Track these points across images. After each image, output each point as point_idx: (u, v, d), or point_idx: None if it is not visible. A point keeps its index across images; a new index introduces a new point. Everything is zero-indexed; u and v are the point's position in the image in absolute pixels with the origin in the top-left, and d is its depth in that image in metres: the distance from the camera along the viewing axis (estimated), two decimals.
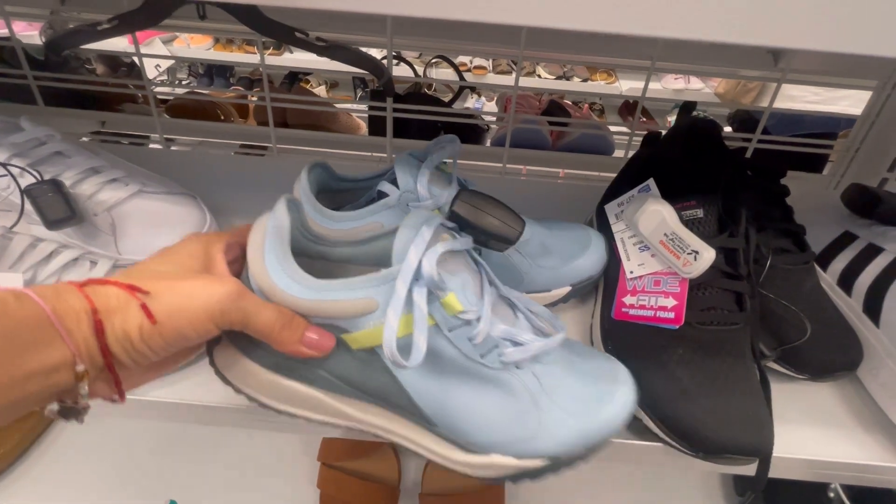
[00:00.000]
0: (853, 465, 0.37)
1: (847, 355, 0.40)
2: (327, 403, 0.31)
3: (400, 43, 0.65)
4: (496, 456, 0.30)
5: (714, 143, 0.43)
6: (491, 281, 0.32)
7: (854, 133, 0.66)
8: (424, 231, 0.28)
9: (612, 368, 0.34)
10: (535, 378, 0.31)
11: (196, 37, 1.95)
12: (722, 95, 1.77)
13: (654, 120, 1.85)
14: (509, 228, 0.31)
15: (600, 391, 0.32)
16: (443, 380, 0.29)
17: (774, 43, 0.22)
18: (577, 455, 0.31)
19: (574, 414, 0.31)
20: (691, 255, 0.35)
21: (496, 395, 0.30)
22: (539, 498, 0.66)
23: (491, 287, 0.31)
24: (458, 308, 0.28)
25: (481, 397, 0.30)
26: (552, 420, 0.30)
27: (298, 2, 0.22)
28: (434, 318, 0.28)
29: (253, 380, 0.31)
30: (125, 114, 0.81)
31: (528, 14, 0.22)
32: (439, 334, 0.29)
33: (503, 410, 0.30)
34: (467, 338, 0.29)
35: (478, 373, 0.30)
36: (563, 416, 0.30)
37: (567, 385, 0.31)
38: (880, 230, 0.45)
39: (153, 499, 0.63)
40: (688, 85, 1.95)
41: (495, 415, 0.30)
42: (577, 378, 0.32)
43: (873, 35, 0.21)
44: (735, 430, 0.33)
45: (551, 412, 0.30)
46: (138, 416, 0.38)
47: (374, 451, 0.67)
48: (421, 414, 0.30)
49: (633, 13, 0.21)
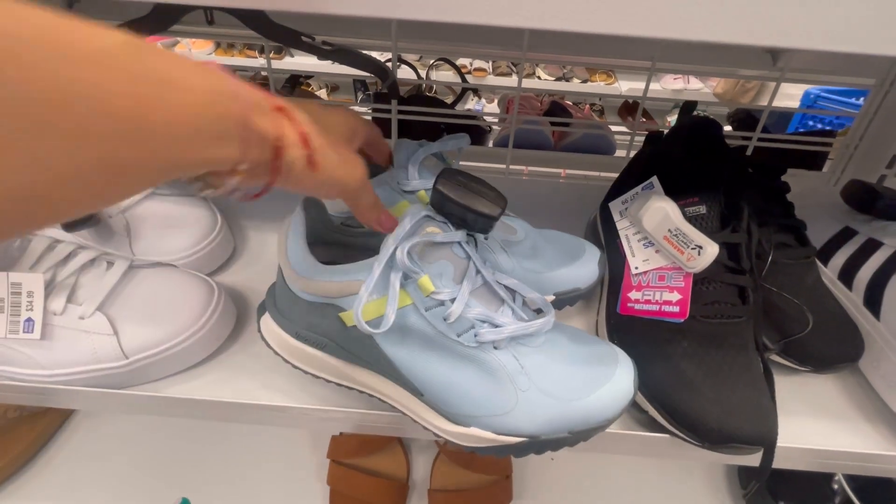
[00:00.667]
0: (856, 454, 0.37)
1: (848, 347, 0.41)
2: (336, 366, 0.36)
3: (404, 46, 0.66)
4: (475, 429, 0.32)
5: (715, 142, 0.44)
6: (478, 270, 0.34)
7: (853, 130, 0.67)
8: (406, 222, 0.31)
9: (610, 355, 0.35)
10: (515, 359, 0.32)
11: (197, 42, 1.96)
12: (720, 95, 1.78)
13: (654, 120, 1.86)
14: (490, 206, 0.32)
15: (591, 377, 0.33)
16: (424, 354, 0.33)
17: (773, 43, 0.23)
18: (561, 437, 0.32)
19: (555, 396, 0.32)
20: (695, 250, 0.36)
21: (473, 371, 0.32)
22: (547, 490, 0.67)
23: (478, 276, 0.33)
24: (431, 289, 0.31)
25: (458, 372, 0.32)
26: (530, 400, 0.32)
27: (307, 6, 0.23)
28: (412, 298, 0.32)
29: (284, 345, 0.37)
30: None
31: (531, 17, 0.22)
32: (416, 312, 0.32)
33: (480, 386, 0.32)
34: (442, 317, 0.32)
35: (454, 349, 0.32)
36: (542, 398, 0.32)
37: (552, 368, 0.33)
38: (880, 225, 0.46)
39: (165, 497, 0.63)
40: (687, 85, 1.96)
41: (473, 390, 0.32)
42: (567, 363, 0.33)
43: (868, 34, 0.22)
44: (739, 420, 0.34)
45: (529, 392, 0.32)
46: (152, 413, 0.39)
47: (382, 447, 0.68)
48: (409, 384, 0.33)
49: (633, 15, 0.22)
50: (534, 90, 1.54)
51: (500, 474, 0.66)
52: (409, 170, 0.40)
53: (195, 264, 0.46)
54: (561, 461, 0.70)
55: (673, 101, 1.87)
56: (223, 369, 0.41)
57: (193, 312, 0.39)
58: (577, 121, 0.95)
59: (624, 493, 0.67)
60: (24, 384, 0.37)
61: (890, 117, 0.63)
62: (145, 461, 0.67)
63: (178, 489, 0.64)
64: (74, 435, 0.69)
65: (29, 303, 0.36)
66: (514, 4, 0.22)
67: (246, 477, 0.67)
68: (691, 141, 0.44)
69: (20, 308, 0.36)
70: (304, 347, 0.36)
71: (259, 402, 0.37)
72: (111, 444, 0.68)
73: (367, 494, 0.63)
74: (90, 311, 0.37)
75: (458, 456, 0.66)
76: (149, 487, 0.64)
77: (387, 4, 0.23)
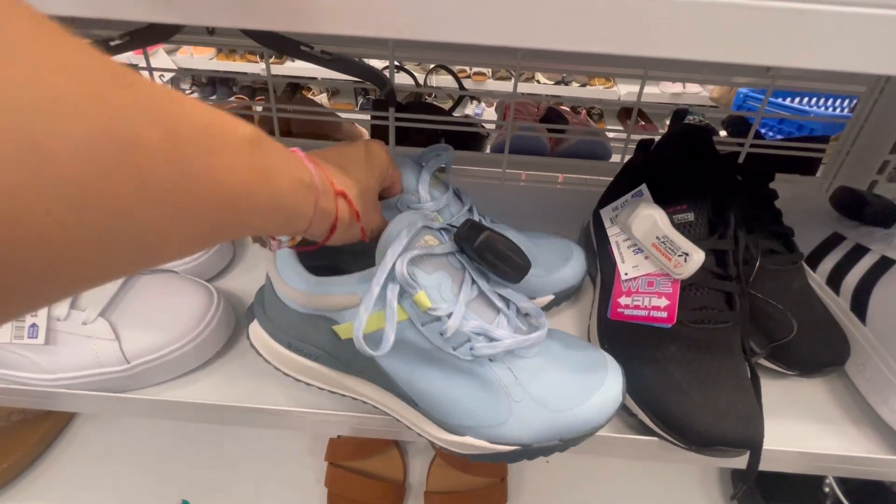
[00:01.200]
0: (842, 456, 0.38)
1: (834, 351, 0.42)
2: (329, 376, 0.37)
3: (401, 55, 0.67)
4: (470, 438, 0.33)
5: (705, 149, 0.45)
6: (474, 280, 0.34)
7: (844, 136, 0.68)
8: (403, 235, 0.31)
9: (600, 363, 0.36)
10: (510, 371, 0.33)
11: (199, 47, 1.98)
12: (717, 100, 1.79)
13: (653, 123, 1.87)
14: (517, 275, 0.34)
15: (582, 386, 0.34)
16: (419, 368, 0.33)
17: (763, 61, 0.23)
18: (553, 445, 0.33)
19: (548, 406, 0.33)
20: (682, 257, 0.37)
21: (468, 383, 0.33)
22: (541, 493, 0.68)
23: (473, 286, 0.33)
24: (428, 305, 0.31)
25: (454, 385, 0.33)
26: (524, 411, 0.32)
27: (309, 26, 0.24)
28: (408, 314, 0.31)
29: (276, 354, 0.37)
30: None
31: (520, 36, 0.23)
32: (412, 328, 0.32)
33: (475, 399, 0.33)
34: (438, 332, 0.32)
35: (451, 363, 0.32)
36: (536, 408, 0.33)
37: (545, 378, 0.34)
38: (867, 231, 0.46)
39: (166, 498, 0.64)
40: (685, 89, 1.97)
41: (468, 402, 0.33)
42: (559, 372, 0.34)
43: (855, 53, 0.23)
44: (726, 424, 0.35)
45: (524, 403, 0.33)
46: (152, 416, 0.40)
47: (379, 450, 0.69)
48: (404, 395, 0.34)
49: (625, 35, 0.23)
50: (531, 95, 1.55)
51: (496, 477, 0.66)
52: (421, 193, 0.41)
53: (195, 270, 0.47)
54: (555, 464, 0.71)
55: (671, 105, 1.88)
56: (222, 373, 0.42)
57: (193, 318, 0.40)
58: (573, 127, 0.96)
59: (618, 495, 0.68)
60: (28, 388, 0.38)
61: (880, 124, 0.64)
62: (146, 463, 0.68)
63: (179, 491, 0.65)
64: (77, 438, 0.70)
65: None
66: (508, 25, 0.23)
67: (245, 479, 0.67)
68: (681, 148, 0.45)
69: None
70: (297, 357, 0.37)
71: (257, 406, 0.38)
72: (113, 447, 0.69)
73: (365, 496, 0.64)
74: (93, 317, 0.38)
75: (453, 459, 0.67)
76: (149, 489, 0.65)
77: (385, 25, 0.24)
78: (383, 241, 0.32)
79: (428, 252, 0.32)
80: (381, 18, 0.22)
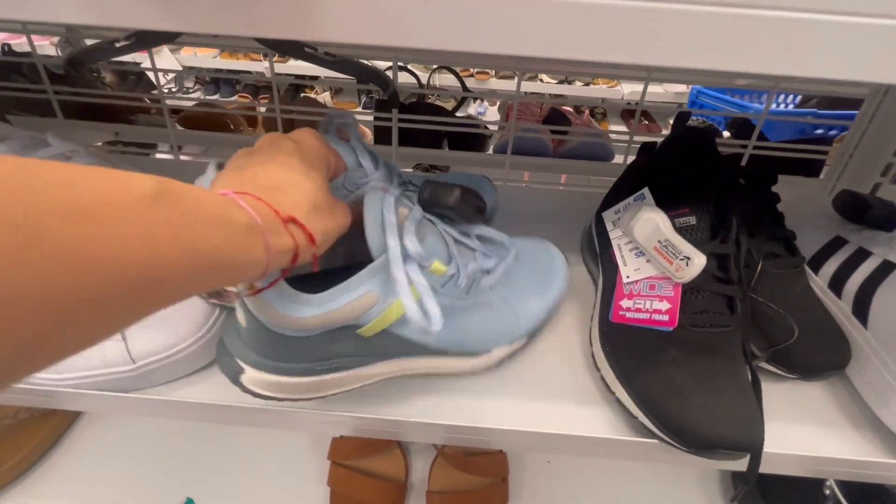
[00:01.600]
0: (842, 460, 0.38)
1: (835, 355, 0.42)
2: (355, 375, 0.37)
3: (405, 56, 0.67)
4: (496, 350, 0.40)
5: (708, 152, 0.45)
6: (446, 230, 0.37)
7: (848, 139, 0.68)
8: (389, 217, 0.31)
9: (546, 252, 0.45)
10: (502, 287, 0.40)
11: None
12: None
13: (657, 123, 1.87)
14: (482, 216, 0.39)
15: (544, 274, 0.44)
16: (447, 323, 0.34)
17: (762, 70, 0.23)
18: (542, 323, 0.43)
19: (534, 296, 0.42)
20: (684, 261, 0.37)
21: (484, 313, 0.39)
22: (543, 494, 0.68)
23: (449, 237, 0.37)
24: (443, 270, 0.34)
25: (476, 319, 0.38)
26: (522, 308, 0.41)
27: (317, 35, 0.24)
28: (427, 282, 0.33)
29: (294, 388, 0.35)
30: (140, 125, 0.83)
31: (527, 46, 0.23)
32: (435, 294, 0.33)
33: (492, 321, 0.39)
34: (454, 287, 0.36)
35: (469, 305, 0.38)
36: (528, 302, 0.42)
37: (522, 280, 0.42)
38: (869, 235, 0.46)
39: (170, 496, 0.65)
40: (688, 89, 1.97)
41: (489, 325, 0.39)
42: (527, 271, 0.43)
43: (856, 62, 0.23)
44: (726, 427, 0.35)
45: (519, 303, 0.41)
46: (157, 416, 0.41)
47: (382, 450, 0.69)
48: (434, 350, 0.37)
49: (628, 44, 0.23)
50: (534, 94, 1.55)
51: (497, 477, 0.67)
52: (366, 166, 0.41)
53: None
54: (557, 465, 0.71)
55: (675, 104, 1.88)
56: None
57: (199, 317, 0.40)
58: (576, 128, 0.96)
59: (618, 496, 0.68)
60: (35, 387, 0.39)
61: (884, 125, 0.64)
62: (151, 462, 0.69)
63: (183, 489, 0.66)
64: (82, 436, 0.71)
65: None
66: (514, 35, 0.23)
67: (249, 478, 0.68)
68: (684, 151, 0.45)
69: None
70: (322, 378, 0.35)
71: (261, 406, 0.38)
72: (117, 446, 0.70)
73: (367, 495, 0.64)
74: None
75: (455, 459, 0.68)
76: (154, 487, 0.66)
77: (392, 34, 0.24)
78: (370, 230, 0.31)
79: (415, 222, 0.33)
80: (388, 27, 0.22)
